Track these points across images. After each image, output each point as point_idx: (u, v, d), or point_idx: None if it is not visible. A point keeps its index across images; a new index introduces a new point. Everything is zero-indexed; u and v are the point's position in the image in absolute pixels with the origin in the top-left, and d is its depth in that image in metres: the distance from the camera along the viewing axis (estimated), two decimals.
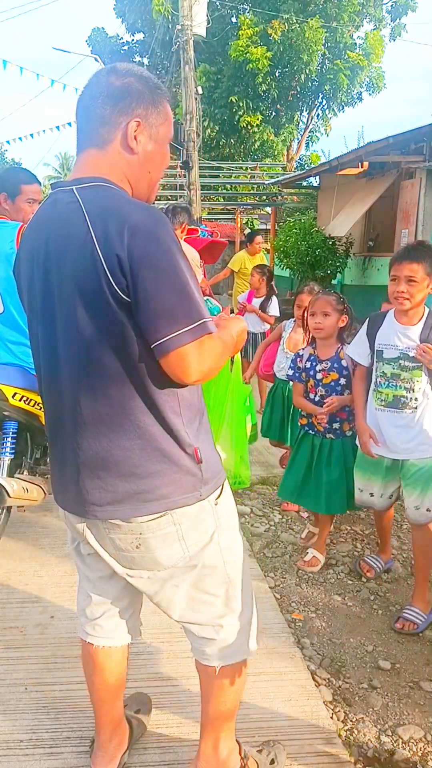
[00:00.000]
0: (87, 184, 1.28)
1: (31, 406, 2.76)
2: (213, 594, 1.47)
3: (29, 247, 1.37)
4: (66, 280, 1.26)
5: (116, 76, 1.31)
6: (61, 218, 1.28)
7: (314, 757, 1.79)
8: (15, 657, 2.21)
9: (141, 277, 1.18)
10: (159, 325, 1.19)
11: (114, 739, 1.69)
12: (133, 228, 1.18)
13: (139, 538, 1.35)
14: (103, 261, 1.19)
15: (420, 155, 9.04)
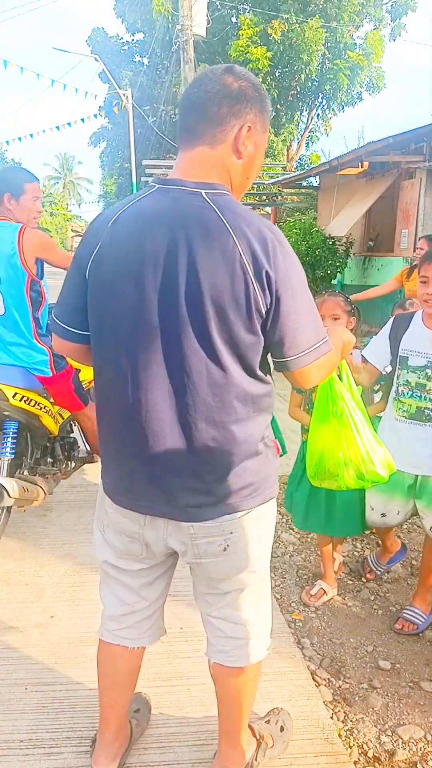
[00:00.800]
0: (214, 190, 1.28)
1: (31, 406, 2.76)
2: (254, 592, 1.51)
3: (135, 242, 1.27)
4: (201, 287, 1.22)
5: (233, 78, 1.31)
6: (195, 223, 1.24)
7: (314, 758, 1.79)
8: (15, 657, 2.21)
9: (284, 295, 1.25)
10: (295, 341, 1.29)
11: (118, 739, 1.70)
12: (275, 245, 1.25)
13: (228, 539, 1.38)
14: (252, 275, 1.22)
15: (420, 155, 9.05)
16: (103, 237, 1.31)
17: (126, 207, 1.32)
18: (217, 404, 1.29)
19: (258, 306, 1.23)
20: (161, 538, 1.41)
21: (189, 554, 1.41)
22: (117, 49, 23.86)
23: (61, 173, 60.59)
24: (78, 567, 2.81)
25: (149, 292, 1.26)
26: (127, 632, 1.60)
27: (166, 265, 1.25)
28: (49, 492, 2.93)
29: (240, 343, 1.26)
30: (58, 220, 47.95)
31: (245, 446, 1.34)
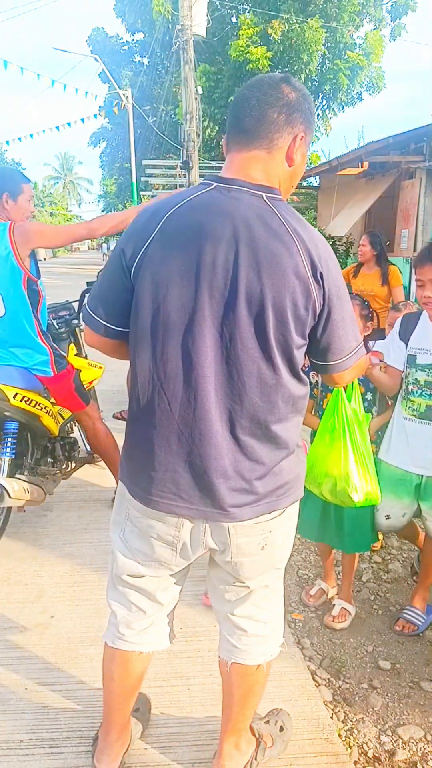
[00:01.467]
0: (273, 194, 1.31)
1: (32, 406, 2.76)
2: (275, 590, 1.54)
3: (191, 236, 1.26)
4: (262, 288, 1.24)
5: (291, 88, 1.34)
6: (259, 224, 1.25)
7: (314, 758, 1.79)
8: (15, 657, 2.22)
9: (335, 301, 1.31)
10: (342, 346, 1.37)
11: (120, 739, 1.70)
12: (328, 254, 1.32)
13: (267, 538, 1.41)
14: (312, 281, 1.26)
15: (420, 155, 9.05)
16: (155, 233, 1.29)
17: (181, 203, 1.30)
18: (264, 404, 1.31)
19: (315, 310, 1.29)
20: (200, 539, 1.41)
21: (226, 553, 1.41)
22: (117, 49, 23.86)
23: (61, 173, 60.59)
24: (78, 567, 2.81)
25: (206, 290, 1.25)
26: (140, 638, 1.58)
27: (225, 263, 1.24)
28: (49, 492, 2.93)
29: (292, 345, 1.29)
30: (58, 220, 47.93)
31: (284, 446, 1.37)
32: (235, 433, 1.31)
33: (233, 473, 1.33)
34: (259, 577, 1.48)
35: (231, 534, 1.37)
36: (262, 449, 1.34)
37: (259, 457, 1.34)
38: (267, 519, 1.39)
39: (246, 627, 1.54)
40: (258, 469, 1.34)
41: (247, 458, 1.33)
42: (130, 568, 1.50)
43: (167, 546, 1.43)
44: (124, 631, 1.57)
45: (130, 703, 1.68)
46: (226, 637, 1.58)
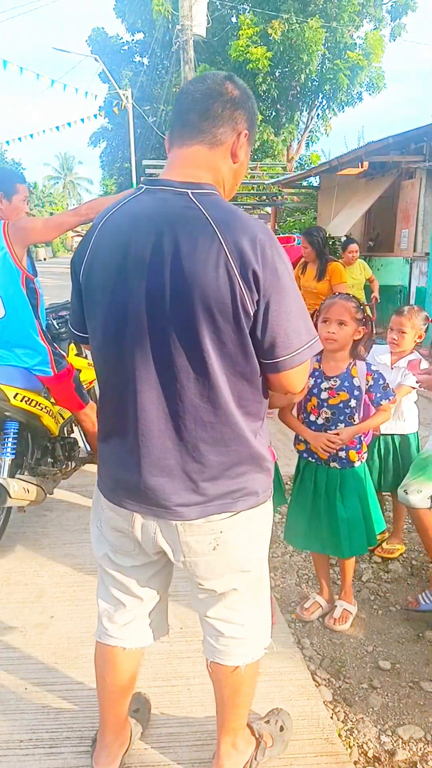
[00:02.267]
0: (201, 190, 1.27)
1: (32, 406, 2.76)
2: (251, 592, 1.51)
3: (120, 243, 1.28)
4: (186, 287, 1.22)
5: (234, 86, 1.34)
6: (180, 224, 1.23)
7: (314, 758, 1.79)
8: (15, 657, 2.22)
9: (274, 294, 1.23)
10: (288, 341, 1.26)
11: (118, 739, 1.70)
12: (263, 244, 1.22)
13: (218, 538, 1.38)
14: (239, 275, 1.20)
15: (420, 155, 9.05)
16: (93, 241, 1.33)
17: (114, 210, 1.33)
18: (205, 405, 1.29)
19: (245, 306, 1.22)
20: (150, 537, 1.42)
21: (177, 552, 1.41)
22: (117, 49, 23.87)
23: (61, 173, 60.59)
24: (78, 567, 2.81)
25: (137, 295, 1.27)
26: (121, 632, 1.60)
27: (152, 267, 1.25)
28: (50, 492, 2.93)
29: (229, 342, 1.25)
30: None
31: (236, 449, 1.34)
32: (180, 435, 1.31)
33: (179, 473, 1.33)
34: (219, 580, 1.45)
35: (179, 532, 1.37)
36: (209, 451, 1.32)
37: (207, 459, 1.32)
38: (218, 519, 1.37)
39: (221, 629, 1.53)
40: (206, 471, 1.33)
41: (194, 460, 1.32)
42: (105, 556, 1.55)
43: (127, 538, 1.47)
44: (107, 624, 1.60)
45: (123, 703, 1.67)
46: (206, 637, 1.59)
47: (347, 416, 2.33)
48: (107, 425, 1.42)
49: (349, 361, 2.36)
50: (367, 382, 2.35)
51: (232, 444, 1.33)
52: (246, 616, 1.52)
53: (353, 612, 2.54)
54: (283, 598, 2.68)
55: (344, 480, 2.37)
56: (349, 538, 2.38)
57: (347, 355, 2.36)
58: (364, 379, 2.34)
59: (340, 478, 2.38)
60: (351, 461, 2.36)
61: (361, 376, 2.34)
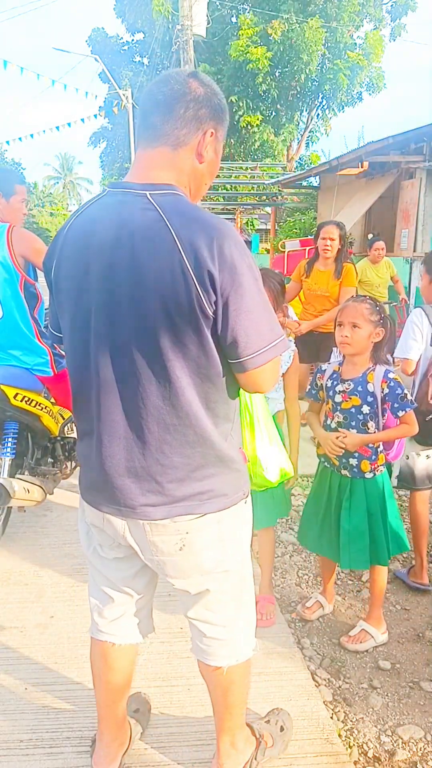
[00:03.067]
0: (160, 191, 1.26)
1: (32, 406, 2.76)
2: (230, 594, 1.50)
3: (81, 247, 1.29)
4: (143, 290, 1.22)
5: (198, 83, 1.32)
6: (136, 225, 1.23)
7: (314, 758, 1.79)
8: (15, 657, 2.22)
9: (232, 294, 1.21)
10: (249, 341, 1.24)
11: (117, 738, 1.70)
12: (221, 244, 1.20)
13: (184, 539, 1.37)
14: (194, 276, 1.19)
15: (420, 155, 9.05)
16: (59, 245, 1.34)
17: (78, 213, 1.34)
18: (167, 407, 1.28)
19: (202, 306, 1.20)
20: (120, 534, 1.43)
21: (146, 551, 1.42)
22: (117, 49, 23.87)
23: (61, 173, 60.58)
24: (78, 567, 2.81)
25: (97, 298, 1.28)
26: (111, 627, 1.60)
27: (110, 270, 1.25)
28: (50, 492, 2.93)
29: (189, 344, 1.24)
30: (58, 220, 47.89)
31: (202, 450, 1.33)
32: (142, 436, 1.31)
33: (144, 474, 1.33)
34: (188, 580, 1.44)
35: (146, 531, 1.37)
36: (173, 453, 1.31)
37: (171, 461, 1.31)
38: (184, 520, 1.36)
39: (202, 629, 1.53)
40: (171, 473, 1.32)
41: (158, 462, 1.32)
42: (90, 549, 1.56)
43: (101, 533, 1.49)
44: (98, 620, 1.61)
45: (120, 702, 1.67)
46: (192, 636, 1.59)
47: (360, 422, 2.24)
48: (79, 427, 1.44)
49: (368, 365, 2.26)
50: (382, 390, 2.21)
51: (196, 446, 1.32)
52: (226, 617, 1.51)
53: (376, 638, 2.37)
54: (283, 598, 2.68)
55: (353, 491, 2.28)
56: (348, 551, 2.29)
57: (367, 358, 2.26)
58: (379, 386, 2.21)
59: (350, 488, 2.29)
60: (362, 471, 2.26)
61: (377, 382, 2.22)
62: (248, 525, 1.52)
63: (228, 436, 1.38)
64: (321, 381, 2.38)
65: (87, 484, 1.45)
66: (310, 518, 2.44)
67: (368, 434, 2.23)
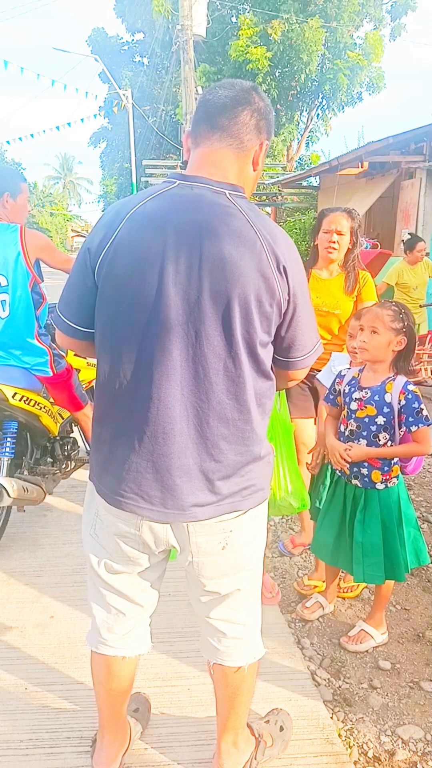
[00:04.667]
0: (236, 192, 1.32)
1: (31, 406, 2.76)
2: (251, 592, 1.51)
3: (153, 236, 1.25)
4: (227, 285, 1.23)
5: (259, 97, 1.37)
6: (222, 222, 1.25)
7: (314, 758, 1.79)
8: (15, 657, 2.21)
9: (300, 299, 1.33)
10: (304, 343, 1.38)
11: (118, 739, 1.70)
12: (292, 250, 1.33)
13: (228, 537, 1.38)
14: (276, 276, 1.27)
15: (420, 155, 9.06)
16: (118, 230, 1.28)
17: (145, 200, 1.30)
18: (231, 402, 1.30)
19: (280, 306, 1.29)
20: (161, 537, 1.39)
21: (186, 553, 1.40)
22: (117, 49, 23.88)
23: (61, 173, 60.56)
24: (78, 567, 2.81)
25: (169, 286, 1.24)
26: (122, 642, 1.57)
27: (189, 261, 1.24)
28: (49, 492, 2.93)
29: (258, 341, 1.29)
30: (58, 220, 47.90)
31: (252, 446, 1.36)
32: (202, 433, 1.30)
33: (197, 473, 1.32)
34: (224, 579, 1.44)
35: (190, 532, 1.36)
36: (229, 449, 1.32)
37: (226, 457, 1.32)
38: (228, 518, 1.37)
39: (224, 630, 1.52)
40: (223, 469, 1.33)
41: (213, 459, 1.32)
42: (103, 564, 1.49)
43: (130, 542, 1.42)
44: (106, 635, 1.56)
45: (121, 705, 1.67)
46: (207, 639, 1.58)
47: (372, 434, 2.15)
48: (117, 424, 1.36)
49: (389, 374, 2.17)
50: (399, 401, 2.10)
51: (249, 441, 1.35)
52: (246, 615, 1.53)
53: (376, 639, 2.34)
54: (283, 598, 2.68)
55: (368, 502, 2.20)
56: (362, 564, 2.20)
57: (387, 367, 2.17)
58: (397, 397, 2.11)
59: (364, 499, 2.21)
60: (373, 482, 2.19)
61: (395, 392, 2.11)
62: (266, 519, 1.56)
63: (265, 430, 1.42)
64: (339, 386, 2.31)
65: (117, 488, 1.36)
66: (326, 529, 2.34)
67: (373, 448, 2.16)
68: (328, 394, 2.38)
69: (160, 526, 1.37)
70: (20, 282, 2.64)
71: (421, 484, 3.97)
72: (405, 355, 2.17)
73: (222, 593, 1.46)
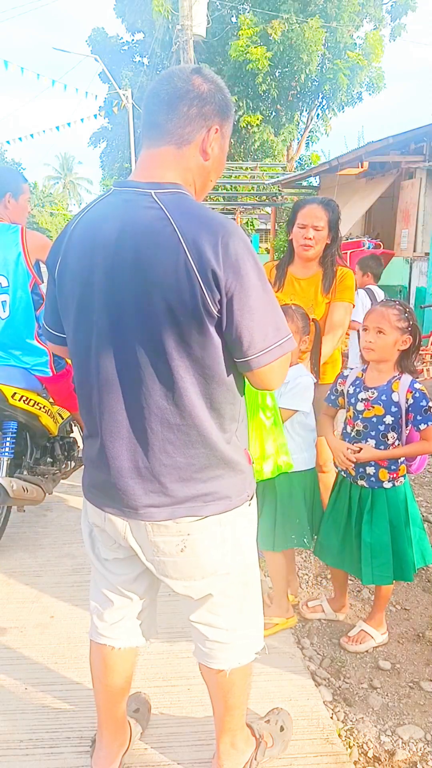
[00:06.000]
0: (165, 189, 1.26)
1: (30, 406, 2.76)
2: (233, 597, 1.49)
3: (87, 246, 1.29)
4: (147, 289, 1.22)
5: (202, 79, 1.31)
6: (141, 224, 1.23)
7: (314, 758, 1.79)
8: (15, 657, 2.21)
9: (236, 293, 1.20)
10: (254, 340, 1.24)
11: (117, 739, 1.70)
12: (226, 242, 1.20)
13: (186, 540, 1.36)
14: (198, 275, 1.18)
15: (420, 155, 9.06)
16: (65, 244, 1.34)
17: (85, 212, 1.34)
18: (171, 407, 1.28)
19: (207, 306, 1.20)
20: (120, 535, 1.42)
21: (147, 551, 1.41)
22: (117, 49, 23.86)
23: (61, 173, 60.57)
24: (78, 567, 2.81)
25: (101, 296, 1.27)
26: (111, 631, 1.59)
27: (115, 268, 1.25)
28: (49, 492, 2.93)
29: (193, 344, 1.23)
30: (58, 220, 47.90)
31: (206, 451, 1.32)
32: (145, 436, 1.31)
33: (148, 475, 1.33)
34: (192, 583, 1.42)
35: (148, 532, 1.37)
36: (176, 453, 1.31)
37: (174, 461, 1.31)
38: (186, 522, 1.35)
39: (205, 632, 1.52)
40: (174, 473, 1.32)
41: (161, 462, 1.31)
42: (95, 552, 1.55)
43: (101, 534, 1.49)
44: (97, 623, 1.61)
45: (119, 703, 1.67)
46: (194, 639, 1.59)
47: (379, 433, 2.15)
48: (85, 428, 1.45)
49: (394, 373, 2.17)
50: (407, 400, 2.10)
51: (200, 446, 1.31)
52: (231, 621, 1.50)
53: (376, 639, 2.34)
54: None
55: (375, 501, 2.19)
56: (371, 565, 2.19)
57: (392, 366, 2.17)
58: (404, 396, 2.11)
59: (371, 499, 2.20)
60: (380, 481, 2.18)
61: (402, 391, 2.11)
62: (252, 528, 1.51)
63: (233, 438, 1.37)
64: (342, 387, 2.30)
65: (90, 484, 1.45)
66: (330, 532, 2.33)
67: (382, 450, 2.16)
68: (329, 394, 2.36)
69: (120, 522, 1.40)
70: (21, 283, 2.65)
71: (421, 484, 3.97)
72: (410, 354, 2.16)
73: (195, 597, 1.46)
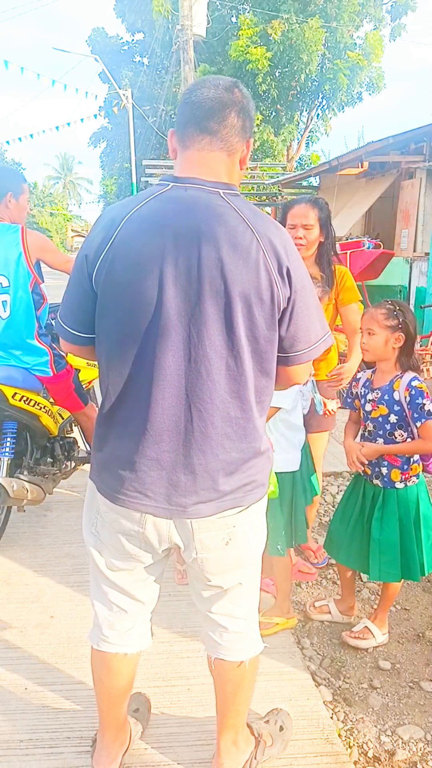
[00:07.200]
0: (230, 191, 1.32)
1: (31, 406, 2.76)
2: (250, 585, 1.52)
3: (151, 239, 1.26)
4: (226, 284, 1.24)
5: (242, 93, 1.37)
6: (217, 220, 1.26)
7: (314, 758, 1.79)
8: (15, 657, 2.21)
9: (300, 290, 1.32)
10: (308, 336, 1.36)
11: (118, 739, 1.70)
12: (290, 243, 1.33)
13: (231, 533, 1.39)
14: (276, 272, 1.27)
15: (420, 155, 9.06)
16: (114, 236, 1.28)
17: (140, 204, 1.30)
18: (234, 400, 1.31)
19: (280, 302, 1.29)
20: (164, 535, 1.40)
21: (190, 549, 1.41)
22: (117, 49, 23.88)
23: (61, 173, 60.60)
24: (78, 567, 2.81)
25: (170, 289, 1.25)
26: (123, 639, 1.58)
27: (188, 262, 1.25)
28: (49, 492, 2.93)
29: (261, 338, 1.30)
30: (58, 220, 47.91)
31: (254, 443, 1.37)
32: (205, 432, 1.31)
33: (201, 471, 1.33)
34: (227, 575, 1.45)
35: (194, 529, 1.37)
36: (232, 447, 1.34)
37: (229, 455, 1.34)
38: (231, 514, 1.38)
39: (226, 624, 1.53)
40: (226, 467, 1.34)
41: (217, 457, 1.33)
42: (105, 561, 1.50)
43: (133, 540, 1.43)
44: (107, 632, 1.57)
45: (122, 704, 1.67)
46: (208, 634, 1.59)
47: (387, 432, 2.19)
48: (117, 428, 1.37)
49: (396, 372, 2.20)
50: (405, 398, 2.14)
51: (250, 439, 1.36)
52: (246, 609, 1.54)
53: (377, 638, 2.35)
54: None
55: (386, 500, 2.23)
56: (378, 561, 2.22)
57: (393, 366, 2.21)
58: (404, 394, 2.14)
59: (383, 498, 2.23)
60: (392, 481, 2.21)
61: (402, 389, 2.15)
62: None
63: (263, 426, 1.43)
64: (356, 389, 2.35)
65: (119, 487, 1.37)
66: (339, 528, 2.37)
67: (383, 444, 2.20)
68: (346, 398, 2.43)
69: (164, 523, 1.38)
70: (21, 282, 2.65)
71: None
72: (405, 351, 2.19)
73: (225, 587, 1.48)
